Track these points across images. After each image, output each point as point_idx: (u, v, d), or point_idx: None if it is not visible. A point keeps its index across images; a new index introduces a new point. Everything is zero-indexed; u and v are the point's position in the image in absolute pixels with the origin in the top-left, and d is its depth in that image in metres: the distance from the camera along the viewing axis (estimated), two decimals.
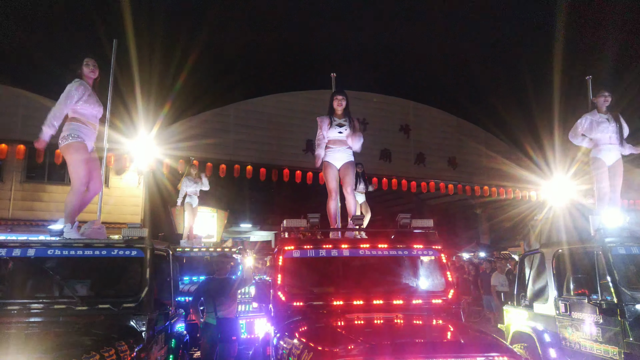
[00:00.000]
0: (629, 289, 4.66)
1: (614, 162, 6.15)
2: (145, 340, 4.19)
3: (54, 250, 4.40)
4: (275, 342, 4.18)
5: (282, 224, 4.82)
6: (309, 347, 3.39)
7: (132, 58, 10.59)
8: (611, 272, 4.75)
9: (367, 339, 3.34)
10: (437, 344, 3.40)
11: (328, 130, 5.73)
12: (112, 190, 14.19)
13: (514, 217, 20.65)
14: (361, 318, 4.06)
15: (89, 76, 5.10)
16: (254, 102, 16.39)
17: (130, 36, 11.86)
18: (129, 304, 4.26)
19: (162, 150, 13.98)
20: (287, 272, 4.46)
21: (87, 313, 4.16)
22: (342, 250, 4.57)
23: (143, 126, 13.45)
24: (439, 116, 19.26)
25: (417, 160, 18.28)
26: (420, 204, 25.47)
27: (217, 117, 15.71)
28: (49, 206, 13.39)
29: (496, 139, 19.99)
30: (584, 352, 5.10)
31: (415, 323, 4.09)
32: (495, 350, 3.25)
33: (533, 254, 6.35)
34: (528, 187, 19.22)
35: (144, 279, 4.42)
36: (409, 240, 4.74)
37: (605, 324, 4.78)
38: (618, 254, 4.88)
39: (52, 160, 12.29)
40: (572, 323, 5.29)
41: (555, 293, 5.60)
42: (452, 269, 4.89)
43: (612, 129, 6.12)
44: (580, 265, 5.34)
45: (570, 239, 5.90)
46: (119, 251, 4.50)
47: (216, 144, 15.10)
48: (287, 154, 16.12)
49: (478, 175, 19.22)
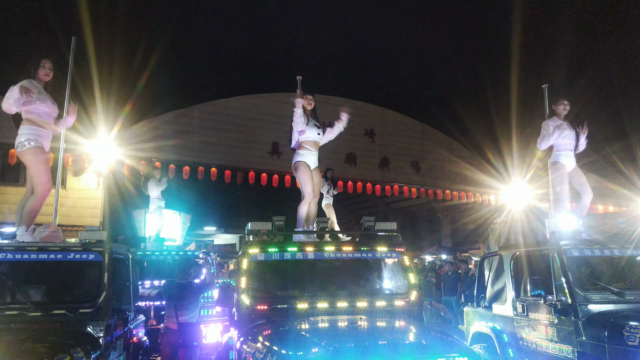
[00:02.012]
0: (582, 290, 4.85)
1: (573, 167, 6.41)
2: (103, 347, 4.07)
3: (5, 254, 4.22)
4: (238, 347, 4.14)
5: (247, 227, 4.78)
6: (273, 350, 3.38)
7: (92, 56, 10.27)
8: (565, 274, 4.93)
9: (331, 342, 3.36)
10: (399, 345, 3.45)
11: (306, 127, 5.65)
12: (70, 192, 13.72)
13: (475, 220, 21.17)
14: (325, 321, 4.07)
15: (43, 79, 4.96)
16: (218, 104, 16.20)
17: (89, 33, 11.50)
18: (85, 310, 4.13)
19: (123, 152, 13.62)
20: (251, 275, 4.43)
21: (41, 319, 4.01)
22: (307, 253, 4.57)
23: (103, 126, 13.06)
24: (404, 121, 19.57)
25: (381, 164, 18.51)
26: (384, 208, 25.78)
27: (180, 119, 15.45)
28: (2, 208, 12.81)
29: (459, 144, 20.48)
30: (540, 352, 5.27)
31: (378, 325, 4.14)
32: (456, 350, 3.32)
33: (492, 257, 6.51)
34: (488, 191, 19.77)
35: (102, 283, 4.30)
36: (373, 243, 4.79)
37: (560, 324, 4.96)
38: (572, 257, 5.08)
39: (5, 161, 11.78)
40: (529, 323, 5.45)
41: (513, 294, 5.76)
42: (414, 271, 4.97)
43: (571, 135, 6.38)
44: (537, 267, 5.52)
45: (527, 242, 6.09)
46: (75, 255, 4.36)
47: (180, 146, 14.83)
48: (253, 157, 16.01)
49: (441, 179, 19.63)
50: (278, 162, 15.91)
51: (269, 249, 4.54)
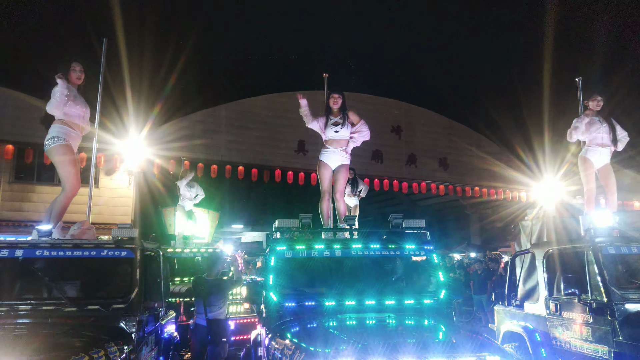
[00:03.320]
0: (618, 289, 4.70)
1: (603, 164, 6.20)
2: (135, 342, 4.15)
3: (42, 251, 4.35)
4: (267, 343, 4.17)
5: (274, 225, 4.80)
6: (301, 347, 3.39)
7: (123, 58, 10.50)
8: (601, 272, 4.79)
9: (359, 340, 3.34)
10: (429, 344, 3.40)
11: (324, 129, 5.76)
12: (102, 191, 14.07)
13: (505, 218, 20.77)
14: (353, 318, 4.06)
15: (75, 82, 5.07)
16: (245, 103, 16.33)
17: (120, 35, 11.75)
18: (118, 305, 4.22)
19: (153, 151, 13.89)
20: (278, 272, 4.45)
21: (76, 314, 4.11)
22: (334, 250, 4.56)
23: (134, 126, 13.35)
24: (431, 117, 19.33)
25: (408, 162, 18.33)
26: (411, 205, 25.55)
27: (208, 118, 15.64)
28: (37, 207, 13.23)
29: (487, 140, 20.10)
30: (574, 352, 5.14)
31: (407, 323, 4.10)
32: (487, 350, 3.26)
33: (524, 254, 6.38)
34: (518, 187, 19.35)
35: (134, 279, 4.38)
36: (401, 241, 4.74)
37: (595, 324, 4.81)
38: (608, 254, 4.92)
39: (41, 160, 12.15)
40: (563, 322, 5.32)
41: (545, 293, 5.63)
42: (443, 269, 4.90)
43: (604, 130, 6.18)
44: (571, 265, 5.38)
45: (560, 239, 5.93)
46: (108, 252, 4.46)
47: (207, 145, 15.03)
48: (279, 155, 16.08)
49: (469, 176, 19.31)
50: (304, 160, 15.93)
51: (297, 246, 4.55)
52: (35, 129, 11.74)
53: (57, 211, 4.89)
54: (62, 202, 4.92)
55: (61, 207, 4.91)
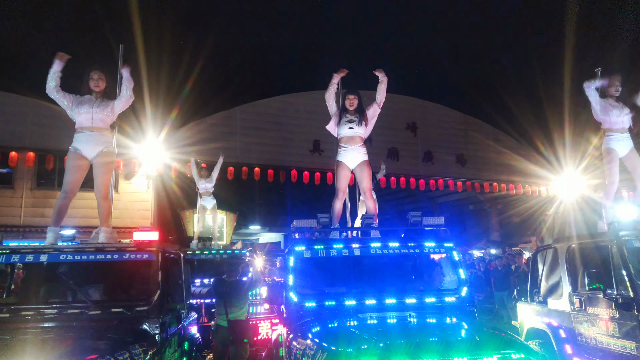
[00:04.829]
0: None
1: (628, 151, 6.03)
2: (159, 343, 4.19)
3: (66, 256, 4.42)
4: (288, 343, 4.17)
5: (292, 225, 4.80)
6: (323, 347, 3.38)
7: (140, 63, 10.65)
8: (626, 266, 4.69)
9: (381, 339, 3.32)
10: (452, 342, 3.36)
11: (338, 127, 5.69)
12: (122, 195, 14.27)
13: (524, 213, 20.50)
14: (374, 317, 4.04)
15: (94, 90, 5.15)
16: (259, 104, 16.41)
17: (137, 41, 11.92)
18: (141, 308, 4.26)
19: (170, 154, 14.05)
20: (298, 272, 4.45)
21: (100, 317, 4.17)
22: (353, 249, 4.55)
23: (151, 131, 13.52)
24: (446, 113, 19.17)
25: (425, 158, 18.21)
26: (429, 202, 25.36)
27: (224, 120, 15.76)
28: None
29: (504, 134, 19.86)
30: (600, 348, 5.04)
31: (429, 321, 4.06)
32: (512, 347, 3.22)
33: (546, 250, 6.28)
34: (538, 182, 19.07)
35: (156, 282, 4.42)
36: (421, 238, 4.71)
37: (621, 319, 4.72)
38: (633, 248, 4.82)
39: (62, 166, 12.33)
40: (588, 318, 5.22)
41: (569, 288, 5.53)
42: (464, 266, 4.85)
43: (624, 114, 6.03)
44: (595, 260, 5.28)
45: (582, 234, 5.83)
46: (130, 255, 4.51)
47: (223, 147, 15.13)
48: (294, 155, 16.12)
49: (487, 171, 19.11)
50: (319, 159, 15.94)
51: (316, 246, 4.55)
52: (55, 135, 12.00)
53: (53, 213, 5.00)
54: (56, 204, 5.05)
55: (56, 209, 5.02)
